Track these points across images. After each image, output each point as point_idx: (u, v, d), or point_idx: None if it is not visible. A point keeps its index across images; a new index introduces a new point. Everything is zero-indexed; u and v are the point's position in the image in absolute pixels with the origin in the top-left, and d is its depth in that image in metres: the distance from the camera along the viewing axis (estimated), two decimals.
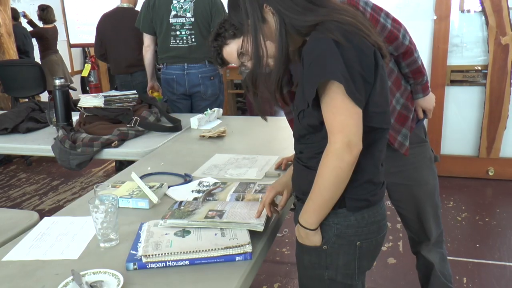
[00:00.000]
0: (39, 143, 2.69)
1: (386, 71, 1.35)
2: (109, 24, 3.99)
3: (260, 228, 1.41)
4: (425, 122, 4.19)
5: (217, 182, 1.89)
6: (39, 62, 5.94)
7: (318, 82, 1.21)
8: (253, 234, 1.40)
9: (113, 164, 5.04)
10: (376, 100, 1.29)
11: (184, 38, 3.45)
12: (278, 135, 2.66)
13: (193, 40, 3.45)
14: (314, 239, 1.35)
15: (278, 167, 2.03)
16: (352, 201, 1.33)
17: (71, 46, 5.82)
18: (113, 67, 4.12)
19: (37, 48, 6.41)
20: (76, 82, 7.35)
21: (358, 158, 1.24)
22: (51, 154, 2.58)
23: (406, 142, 1.94)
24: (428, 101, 2.01)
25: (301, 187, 1.42)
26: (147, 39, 3.61)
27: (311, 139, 1.36)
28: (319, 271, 1.40)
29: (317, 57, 1.22)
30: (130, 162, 2.59)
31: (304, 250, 1.40)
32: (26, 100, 5.02)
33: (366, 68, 1.24)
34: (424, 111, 2.04)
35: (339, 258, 1.37)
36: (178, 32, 3.45)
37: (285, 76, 1.39)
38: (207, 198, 1.74)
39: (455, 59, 4.11)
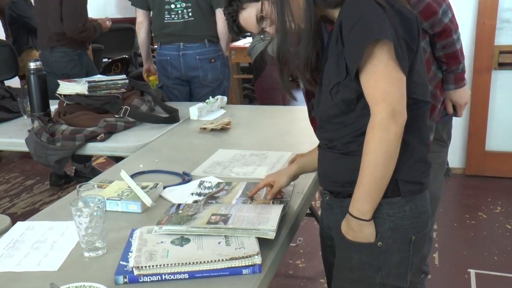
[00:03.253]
0: (10, 136, 2.72)
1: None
2: None
3: (271, 235, 1.42)
4: (461, 119, 4.16)
5: (221, 183, 1.91)
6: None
7: (366, 43, 1.26)
8: (262, 242, 1.42)
9: (100, 160, 5.09)
10: (418, 70, 1.37)
11: (180, 12, 3.46)
12: (292, 127, 2.67)
13: (190, 14, 3.45)
14: (368, 232, 1.39)
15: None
16: (405, 184, 1.38)
17: None
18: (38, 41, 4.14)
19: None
20: None
21: (405, 135, 1.30)
22: (25, 148, 2.61)
23: (430, 135, 1.93)
24: (461, 95, 1.98)
25: (339, 179, 1.45)
26: (140, 15, 3.63)
27: (343, 120, 1.40)
28: (369, 272, 1.43)
29: (360, 19, 1.28)
30: (118, 159, 2.62)
31: (354, 248, 1.43)
32: None
33: (409, 33, 1.32)
34: (454, 107, 2.02)
35: (393, 256, 1.42)
36: (172, 6, 3.46)
37: (314, 52, 1.44)
38: (210, 201, 1.75)
39: (505, 38, 4.06)
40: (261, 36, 1.66)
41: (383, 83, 1.27)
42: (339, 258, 1.51)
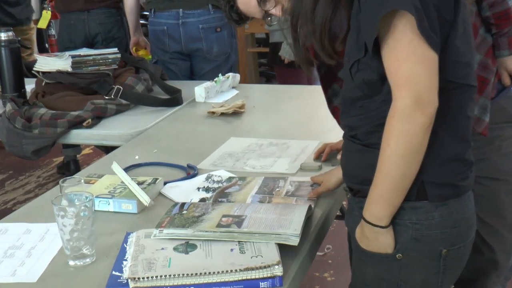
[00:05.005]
0: None
1: (468, 10, 1.38)
2: None
3: (295, 241, 1.42)
4: None
5: (233, 177, 1.91)
6: None
7: (380, 16, 1.24)
8: (284, 250, 1.41)
9: (87, 150, 5.12)
10: (458, 46, 1.32)
11: None
12: (319, 111, 2.64)
13: None
14: (385, 241, 1.38)
15: (318, 156, 2.05)
16: (433, 187, 1.35)
17: None
18: (60, 2, 4.06)
19: None
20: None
21: (435, 127, 1.27)
22: None
23: (485, 116, 1.92)
24: None
25: (358, 175, 1.45)
26: None
27: (367, 105, 1.38)
28: None
29: None
30: (109, 150, 2.63)
31: (368, 260, 1.43)
32: None
33: (443, 0, 1.28)
34: (511, 77, 2.01)
35: (416, 273, 1.40)
36: None
37: (334, 17, 1.42)
38: (220, 199, 1.76)
39: None
40: (268, 18, 1.64)
41: (407, 62, 1.25)
42: (354, 271, 1.52)
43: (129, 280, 1.33)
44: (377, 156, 1.31)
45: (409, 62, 1.25)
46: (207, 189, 1.84)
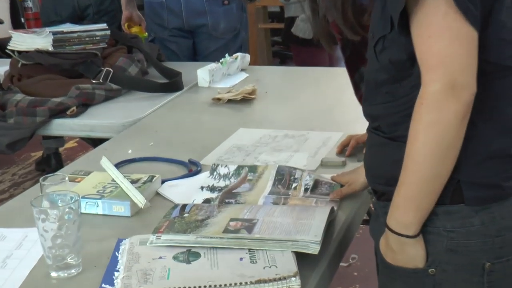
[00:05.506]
0: None
1: None
2: None
3: (315, 249, 1.42)
4: None
5: (242, 167, 1.93)
6: None
7: None
8: (302, 260, 1.42)
9: (71, 143, 5.13)
10: (504, 21, 1.29)
11: None
12: (343, 98, 2.65)
13: None
14: (413, 253, 1.36)
15: (342, 150, 2.06)
16: (472, 187, 1.33)
17: None
18: None
19: None
20: (2, 9, 7.38)
21: (474, 117, 1.25)
22: None
23: None
24: None
25: (383, 174, 1.44)
26: None
27: (394, 90, 1.37)
28: None
29: None
30: (97, 143, 2.64)
31: (396, 276, 1.42)
32: None
33: None
34: None
35: None
36: None
37: None
38: (227, 200, 1.77)
39: None
40: None
41: (439, 40, 1.23)
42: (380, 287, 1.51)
43: None
44: (404, 151, 1.30)
45: (442, 40, 1.23)
46: (212, 189, 1.85)
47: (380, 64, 1.37)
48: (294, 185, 1.82)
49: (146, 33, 3.70)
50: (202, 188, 1.86)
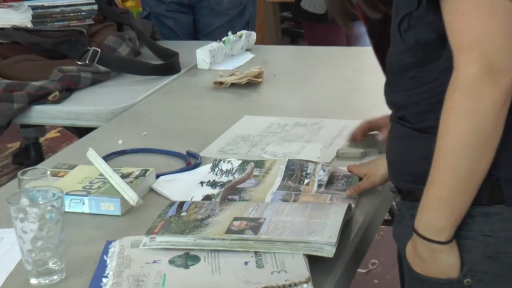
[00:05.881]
0: None
1: None
2: None
3: (330, 251, 1.42)
4: None
5: (247, 162, 1.93)
6: None
7: None
8: (315, 264, 1.42)
9: (53, 133, 5.13)
10: None
11: None
12: (361, 81, 2.66)
13: None
14: (446, 262, 1.35)
15: (357, 137, 2.05)
16: None
17: None
18: None
19: None
20: None
21: None
22: None
23: None
24: None
25: (409, 170, 1.43)
26: None
27: (422, 75, 1.37)
28: None
29: None
30: (83, 132, 2.64)
31: (426, 286, 1.41)
32: None
33: None
34: None
35: None
36: None
37: None
38: (230, 196, 1.77)
39: None
40: None
41: (474, 16, 1.21)
42: None
43: None
44: (434, 143, 1.28)
45: (477, 16, 1.21)
46: (213, 184, 1.86)
47: (405, 46, 1.37)
48: (306, 180, 1.82)
49: (140, 8, 3.70)
50: (202, 183, 1.87)
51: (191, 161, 2.03)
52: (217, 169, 1.93)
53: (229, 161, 1.94)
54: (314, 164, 1.87)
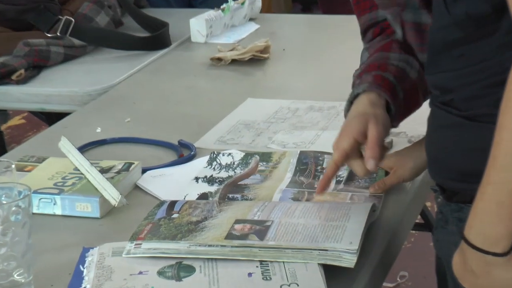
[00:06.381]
0: None
1: None
2: None
3: (350, 261, 1.42)
4: None
5: (250, 155, 1.94)
6: None
7: None
8: (332, 275, 1.42)
9: (17, 119, 5.14)
10: None
11: None
12: None
13: None
14: (504, 278, 1.32)
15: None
16: None
17: None
18: None
19: None
20: None
21: None
22: None
23: None
24: None
25: (456, 166, 1.43)
26: None
27: (470, 53, 1.36)
28: None
29: None
30: (53, 119, 2.65)
31: None
32: None
33: None
34: None
35: None
36: None
37: None
38: (231, 195, 1.78)
39: None
40: None
41: None
42: None
43: None
44: (488, 135, 1.26)
45: None
46: (210, 180, 1.86)
47: (453, 19, 1.35)
48: (322, 176, 1.82)
49: None
50: (197, 179, 1.87)
51: (183, 152, 2.03)
52: (215, 163, 1.93)
53: (229, 154, 1.95)
54: (331, 157, 1.87)
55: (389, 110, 1.66)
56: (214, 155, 1.96)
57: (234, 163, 1.92)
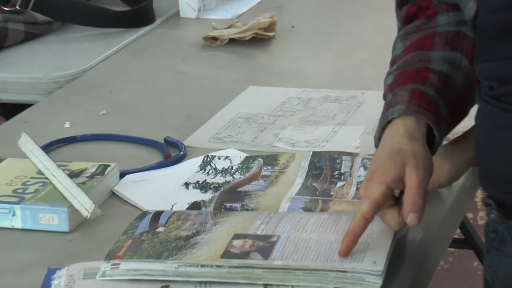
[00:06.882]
0: None
1: None
2: None
3: (374, 284, 1.42)
4: None
5: (254, 158, 1.94)
6: None
7: None
8: None
9: None
10: None
11: None
12: None
13: None
14: None
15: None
16: None
17: None
18: None
19: None
20: None
21: None
22: None
23: None
24: None
25: None
26: None
27: None
28: None
29: None
30: (12, 112, 2.66)
31: None
32: None
33: None
34: None
35: None
36: None
37: None
38: (229, 204, 1.78)
39: None
40: None
41: None
42: None
43: None
44: None
45: None
46: (203, 186, 1.87)
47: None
48: (340, 183, 1.83)
49: None
50: (187, 185, 1.88)
51: (171, 153, 2.04)
52: (208, 167, 1.94)
53: (226, 157, 1.96)
54: (351, 158, 1.88)
55: (431, 136, 1.62)
56: (208, 159, 1.97)
57: (231, 167, 1.92)
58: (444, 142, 1.84)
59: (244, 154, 1.98)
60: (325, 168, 1.85)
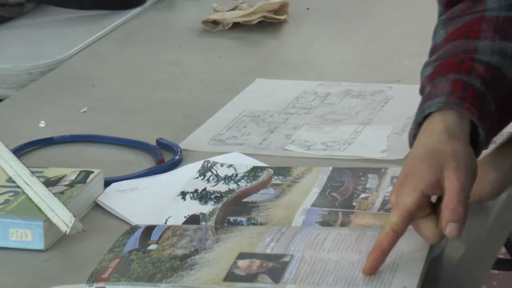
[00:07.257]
0: None
1: None
2: None
3: None
4: None
5: (262, 168, 1.94)
6: None
7: None
8: None
9: None
10: None
11: None
12: None
13: None
14: None
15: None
16: None
17: None
18: None
19: None
20: None
21: None
22: None
23: None
24: None
25: None
26: None
27: None
28: None
29: None
30: None
31: None
32: None
33: None
34: None
35: None
36: None
37: None
38: (233, 218, 1.78)
39: None
40: None
41: None
42: None
43: None
44: None
45: None
46: (203, 196, 1.87)
47: None
48: (363, 195, 1.83)
49: None
50: (183, 194, 1.88)
51: (164, 157, 2.04)
52: (209, 173, 1.94)
53: (230, 166, 1.96)
54: (378, 176, 1.87)
55: (475, 135, 1.60)
56: (208, 165, 1.97)
57: (236, 175, 1.92)
58: (491, 146, 1.83)
59: (250, 159, 1.97)
60: (347, 182, 1.85)
